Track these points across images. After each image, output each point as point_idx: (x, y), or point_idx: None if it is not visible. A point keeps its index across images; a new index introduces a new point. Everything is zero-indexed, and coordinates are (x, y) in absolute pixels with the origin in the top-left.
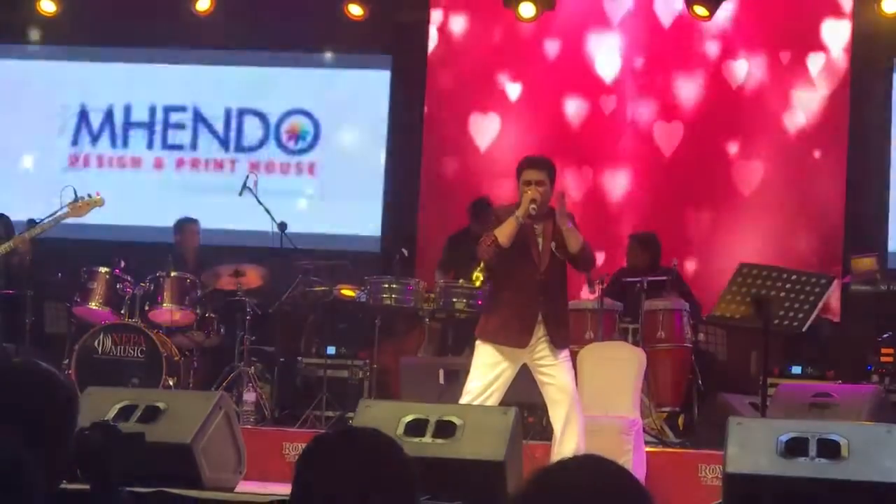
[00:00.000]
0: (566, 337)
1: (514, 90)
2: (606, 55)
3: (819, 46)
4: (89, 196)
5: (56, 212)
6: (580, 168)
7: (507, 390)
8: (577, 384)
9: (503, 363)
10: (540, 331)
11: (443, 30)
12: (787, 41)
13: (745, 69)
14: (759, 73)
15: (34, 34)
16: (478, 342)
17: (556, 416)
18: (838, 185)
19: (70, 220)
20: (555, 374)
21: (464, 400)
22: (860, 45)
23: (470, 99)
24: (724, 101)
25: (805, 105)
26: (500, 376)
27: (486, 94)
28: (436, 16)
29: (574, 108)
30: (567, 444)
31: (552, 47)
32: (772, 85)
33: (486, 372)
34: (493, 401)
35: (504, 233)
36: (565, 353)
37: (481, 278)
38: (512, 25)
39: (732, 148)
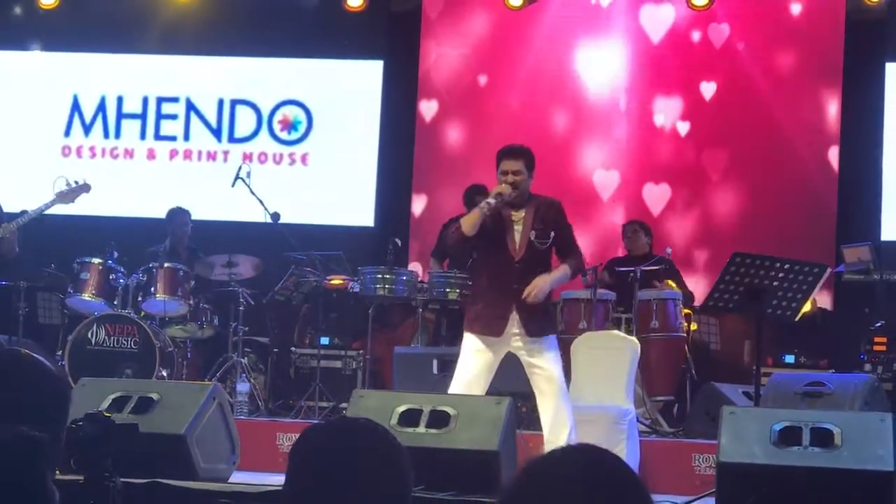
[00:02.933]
0: (545, 325)
1: (506, 81)
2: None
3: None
4: (76, 183)
5: (45, 201)
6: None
7: (501, 380)
8: (570, 374)
9: (483, 353)
10: (516, 318)
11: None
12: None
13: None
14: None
15: (29, 27)
16: (464, 332)
17: (544, 406)
18: (830, 175)
19: (63, 211)
20: (539, 364)
21: (451, 390)
22: (853, 38)
23: (463, 87)
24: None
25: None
26: (483, 366)
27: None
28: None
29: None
30: (559, 433)
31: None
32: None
33: (469, 362)
34: (477, 390)
35: (468, 221)
36: (549, 342)
37: None
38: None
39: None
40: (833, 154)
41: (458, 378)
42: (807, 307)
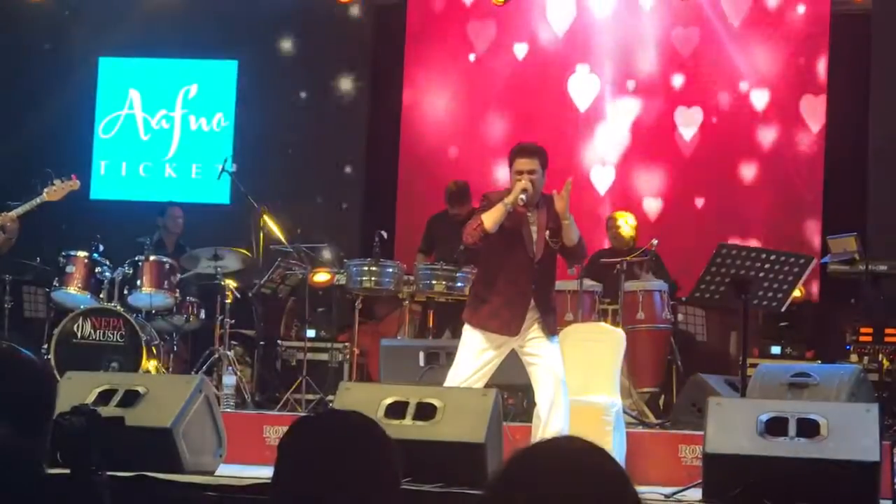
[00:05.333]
0: (555, 322)
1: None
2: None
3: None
4: (61, 180)
5: (33, 196)
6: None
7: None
8: None
9: (491, 350)
10: (531, 317)
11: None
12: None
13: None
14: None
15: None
16: (466, 326)
17: (543, 398)
18: (816, 165)
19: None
20: (543, 355)
21: (448, 384)
22: (839, 29)
23: (447, 84)
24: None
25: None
26: (488, 363)
27: (463, 78)
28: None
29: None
30: (552, 426)
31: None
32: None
33: (474, 358)
34: (478, 386)
35: (491, 218)
36: (555, 341)
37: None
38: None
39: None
40: (819, 144)
41: (459, 373)
42: (797, 293)
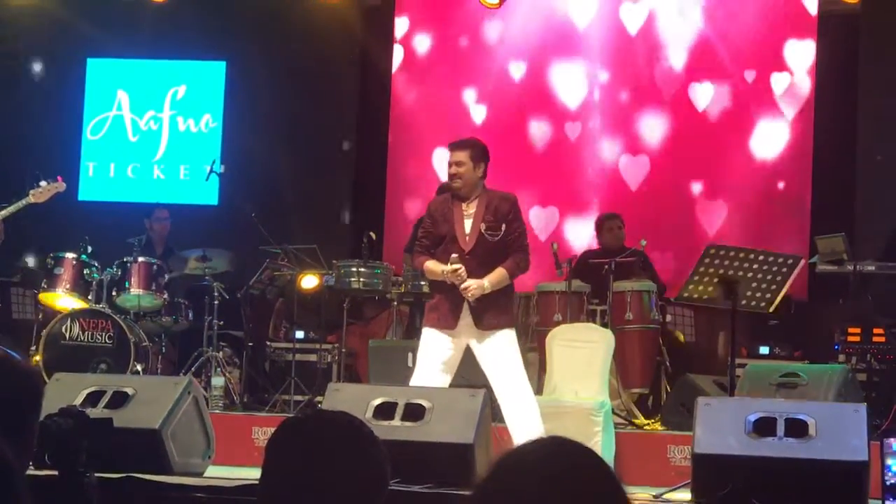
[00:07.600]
0: (500, 319)
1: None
2: (571, 81)
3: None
4: (47, 182)
5: (19, 197)
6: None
7: (476, 373)
8: (545, 366)
9: (439, 346)
10: (468, 312)
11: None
12: None
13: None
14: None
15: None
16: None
17: (500, 399)
18: (805, 165)
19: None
20: (494, 357)
21: (412, 384)
22: (827, 31)
23: (436, 87)
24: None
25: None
26: (441, 359)
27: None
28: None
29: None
30: (523, 428)
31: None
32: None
33: (426, 356)
34: (440, 383)
35: (429, 272)
36: (504, 335)
37: None
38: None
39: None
40: (807, 144)
41: (418, 372)
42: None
